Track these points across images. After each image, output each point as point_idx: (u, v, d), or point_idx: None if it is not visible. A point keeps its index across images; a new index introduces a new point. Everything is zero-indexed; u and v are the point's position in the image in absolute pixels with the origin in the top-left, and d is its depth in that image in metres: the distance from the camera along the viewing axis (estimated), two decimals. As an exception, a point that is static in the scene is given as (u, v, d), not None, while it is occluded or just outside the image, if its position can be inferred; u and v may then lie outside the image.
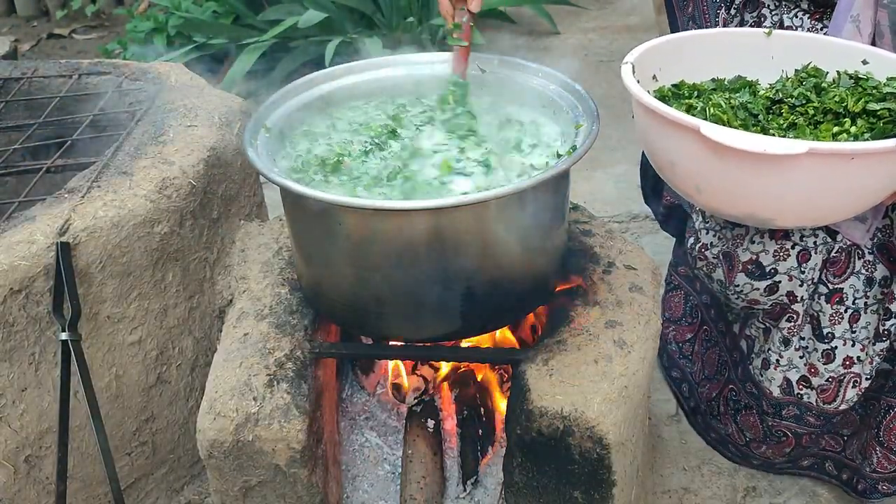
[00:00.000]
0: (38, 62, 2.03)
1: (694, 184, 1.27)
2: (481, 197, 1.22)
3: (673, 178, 1.32)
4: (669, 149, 1.27)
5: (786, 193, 1.20)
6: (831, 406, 1.57)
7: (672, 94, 1.37)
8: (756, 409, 1.66)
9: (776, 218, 1.29)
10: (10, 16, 4.90)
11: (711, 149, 1.17)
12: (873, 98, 1.28)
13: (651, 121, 1.27)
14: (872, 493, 1.64)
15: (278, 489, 1.41)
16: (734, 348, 1.71)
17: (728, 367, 1.75)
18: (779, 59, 1.44)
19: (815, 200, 1.22)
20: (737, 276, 1.54)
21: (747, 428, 1.70)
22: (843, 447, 1.68)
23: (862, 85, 1.33)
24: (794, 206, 1.23)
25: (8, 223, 1.46)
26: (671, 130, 1.23)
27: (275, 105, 1.51)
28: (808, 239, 1.48)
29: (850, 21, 1.40)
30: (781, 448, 1.68)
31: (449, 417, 1.72)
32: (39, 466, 1.52)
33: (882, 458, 1.59)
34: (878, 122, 1.26)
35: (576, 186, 2.67)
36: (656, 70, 1.39)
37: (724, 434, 1.78)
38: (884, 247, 1.49)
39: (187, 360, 1.70)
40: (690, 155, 1.22)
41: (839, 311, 1.52)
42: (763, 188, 1.19)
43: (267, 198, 1.98)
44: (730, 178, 1.21)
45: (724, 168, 1.19)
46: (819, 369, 1.56)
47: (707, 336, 1.81)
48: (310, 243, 1.40)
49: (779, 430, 1.64)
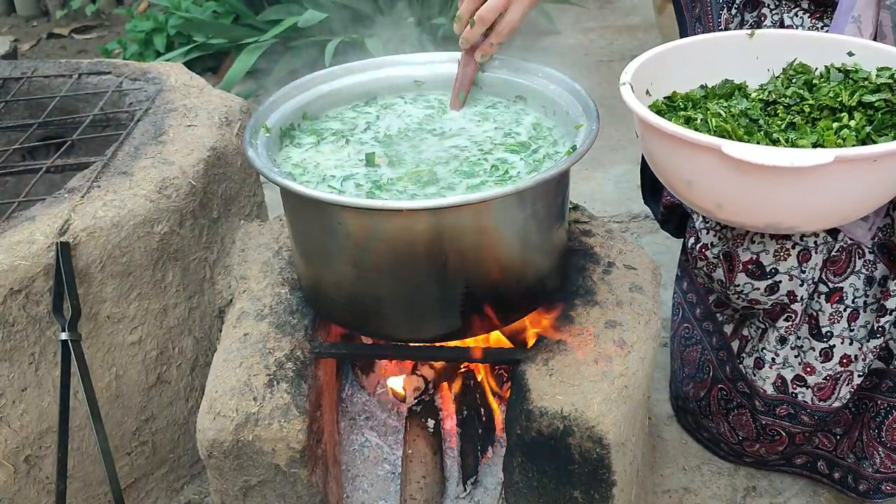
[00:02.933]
0: (38, 62, 2.03)
1: (715, 202, 1.25)
2: (481, 197, 1.22)
3: (690, 196, 1.29)
4: (686, 169, 1.24)
5: (812, 201, 1.19)
6: (825, 404, 1.57)
7: (667, 107, 1.37)
8: (749, 408, 1.66)
9: (802, 225, 1.29)
10: (10, 16, 4.90)
11: (733, 166, 1.15)
12: (867, 90, 1.29)
13: (663, 142, 1.24)
14: (876, 493, 1.64)
15: (278, 489, 1.41)
16: (721, 348, 1.71)
17: (712, 367, 1.74)
18: (763, 59, 1.44)
19: (840, 204, 1.21)
20: (737, 276, 1.54)
21: (740, 427, 1.70)
22: (836, 446, 1.68)
23: (853, 77, 1.33)
24: (819, 212, 1.23)
25: (8, 223, 1.46)
26: (688, 151, 1.20)
27: (275, 105, 1.51)
28: (808, 239, 1.48)
29: (851, 21, 1.40)
30: (775, 446, 1.68)
31: (449, 417, 1.72)
32: (39, 466, 1.52)
33: (885, 458, 1.59)
34: (877, 114, 1.26)
35: (576, 186, 2.69)
36: (648, 85, 1.39)
37: (717, 433, 1.78)
38: (884, 246, 1.49)
39: (187, 360, 1.70)
40: (710, 174, 1.20)
41: (839, 310, 1.52)
42: (789, 199, 1.18)
43: (267, 198, 1.98)
44: (754, 193, 1.19)
45: (748, 183, 1.17)
46: (816, 368, 1.56)
47: (687, 334, 1.81)
48: (310, 243, 1.40)
49: (772, 429, 1.64)
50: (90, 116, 1.79)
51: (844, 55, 1.38)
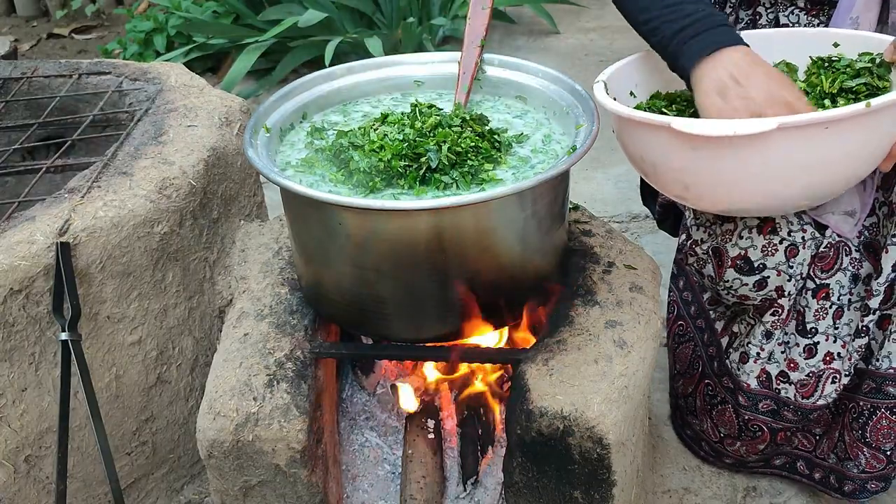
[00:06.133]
0: (38, 62, 2.03)
1: (681, 184, 1.28)
2: (481, 197, 1.22)
3: (658, 181, 1.33)
4: (648, 151, 1.28)
5: (768, 177, 1.20)
6: (809, 401, 1.57)
7: (647, 107, 1.39)
8: (732, 404, 1.66)
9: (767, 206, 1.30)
10: (10, 16, 4.90)
11: (686, 142, 1.18)
12: (847, 76, 1.30)
13: (625, 128, 1.29)
14: (862, 492, 1.64)
15: (278, 489, 1.41)
16: (711, 344, 1.71)
17: (702, 362, 1.74)
18: None
19: (798, 180, 1.22)
20: (726, 271, 1.54)
21: (722, 423, 1.70)
22: (815, 446, 1.68)
23: (835, 66, 1.35)
24: (780, 189, 1.24)
25: (8, 223, 1.46)
26: (644, 133, 1.24)
27: (275, 105, 1.51)
28: (796, 234, 1.49)
29: (849, 23, 1.41)
30: (755, 444, 1.67)
31: (449, 417, 1.72)
32: (39, 466, 1.52)
33: (871, 458, 1.60)
34: (860, 97, 1.28)
35: (576, 186, 2.68)
36: (632, 86, 1.42)
37: (699, 430, 1.77)
38: (870, 245, 1.50)
39: (187, 360, 1.71)
40: (667, 153, 1.24)
41: (824, 307, 1.53)
42: (744, 174, 1.20)
43: (267, 198, 1.98)
44: (711, 170, 1.22)
45: (703, 160, 1.20)
46: (800, 364, 1.56)
47: (682, 331, 1.81)
48: (310, 243, 1.40)
49: (754, 425, 1.64)
50: (90, 116, 1.79)
51: (830, 47, 1.39)
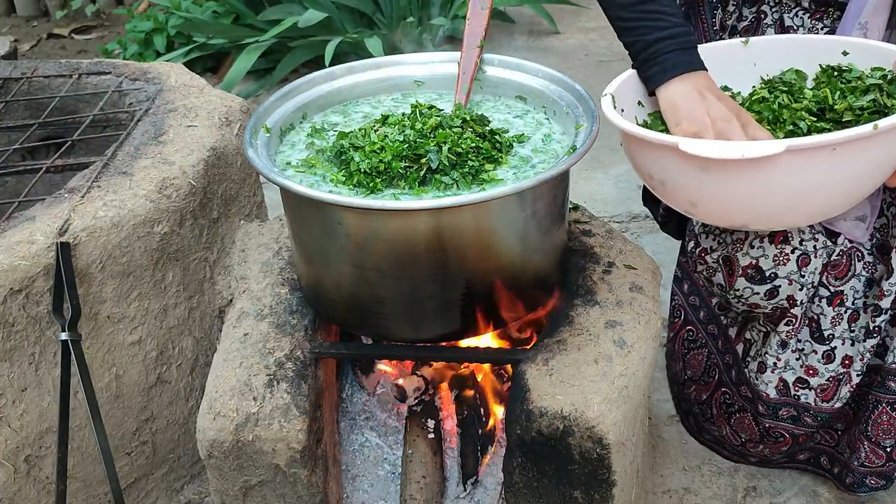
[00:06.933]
0: (38, 62, 2.03)
1: (688, 200, 1.27)
2: (481, 197, 1.22)
3: (665, 196, 1.33)
4: (656, 169, 1.27)
5: (778, 196, 1.20)
6: (828, 405, 1.57)
7: (654, 119, 1.39)
8: (751, 412, 1.66)
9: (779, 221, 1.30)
10: (10, 16, 4.90)
11: (694, 163, 1.17)
12: (858, 90, 1.29)
13: (633, 144, 1.29)
14: (860, 487, 1.65)
15: (278, 489, 1.41)
16: (726, 352, 1.71)
17: (718, 370, 1.74)
18: (761, 66, 1.46)
19: (807, 198, 1.21)
20: (737, 280, 1.53)
21: (742, 430, 1.70)
22: (837, 441, 1.68)
23: (845, 77, 1.34)
24: (791, 207, 1.23)
25: (8, 223, 1.46)
26: (652, 151, 1.24)
27: (275, 105, 1.51)
28: (807, 243, 1.48)
29: (857, 28, 1.40)
30: (779, 447, 1.68)
31: (449, 417, 1.72)
32: (39, 466, 1.52)
33: (870, 452, 1.60)
34: (864, 114, 1.28)
35: (576, 186, 2.68)
36: (640, 96, 1.40)
37: (719, 436, 1.78)
38: (883, 246, 1.49)
39: (187, 360, 1.71)
40: (675, 172, 1.23)
41: (840, 313, 1.52)
42: (753, 192, 1.20)
43: (267, 198, 1.98)
44: (720, 190, 1.21)
45: (711, 180, 1.20)
46: (819, 370, 1.56)
47: (691, 337, 1.80)
48: (310, 243, 1.40)
49: (776, 432, 1.64)
50: (90, 116, 1.79)
51: (840, 55, 1.38)
